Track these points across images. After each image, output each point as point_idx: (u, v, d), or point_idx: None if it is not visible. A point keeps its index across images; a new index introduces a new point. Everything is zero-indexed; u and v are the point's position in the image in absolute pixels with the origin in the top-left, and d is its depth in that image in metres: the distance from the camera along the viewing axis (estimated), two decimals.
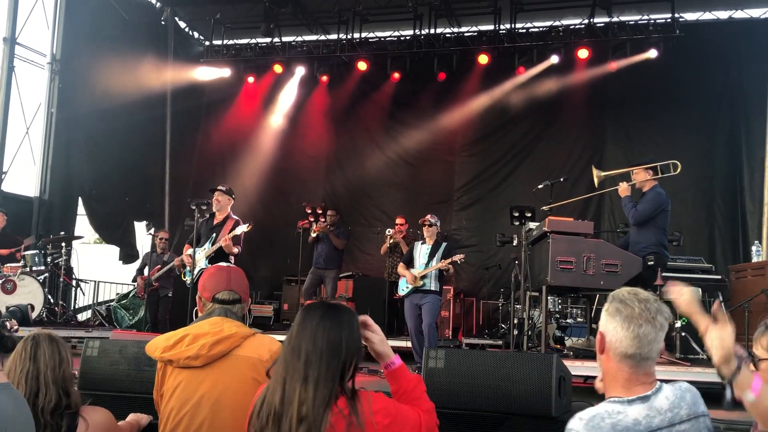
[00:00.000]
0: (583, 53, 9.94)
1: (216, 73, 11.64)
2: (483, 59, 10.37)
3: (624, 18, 10.02)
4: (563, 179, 7.30)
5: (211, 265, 3.66)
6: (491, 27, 10.54)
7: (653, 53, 9.59)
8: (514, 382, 3.29)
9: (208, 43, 12.07)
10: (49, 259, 8.50)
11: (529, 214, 7.14)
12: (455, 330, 9.60)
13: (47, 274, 8.43)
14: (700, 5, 10.52)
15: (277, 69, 11.32)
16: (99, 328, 8.63)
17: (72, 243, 8.91)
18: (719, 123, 10.26)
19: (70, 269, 8.99)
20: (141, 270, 9.06)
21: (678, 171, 6.32)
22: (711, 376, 4.49)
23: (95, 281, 10.45)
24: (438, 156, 11.65)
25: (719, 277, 7.12)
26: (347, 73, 11.47)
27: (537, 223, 6.69)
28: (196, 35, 12.79)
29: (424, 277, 7.00)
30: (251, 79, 11.64)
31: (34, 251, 8.33)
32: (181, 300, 7.48)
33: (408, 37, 10.89)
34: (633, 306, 1.84)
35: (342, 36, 10.93)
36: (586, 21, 10.05)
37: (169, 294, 8.54)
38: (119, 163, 10.66)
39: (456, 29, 11.11)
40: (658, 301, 1.88)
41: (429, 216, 7.29)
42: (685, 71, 10.12)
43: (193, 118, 12.38)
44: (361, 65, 10.96)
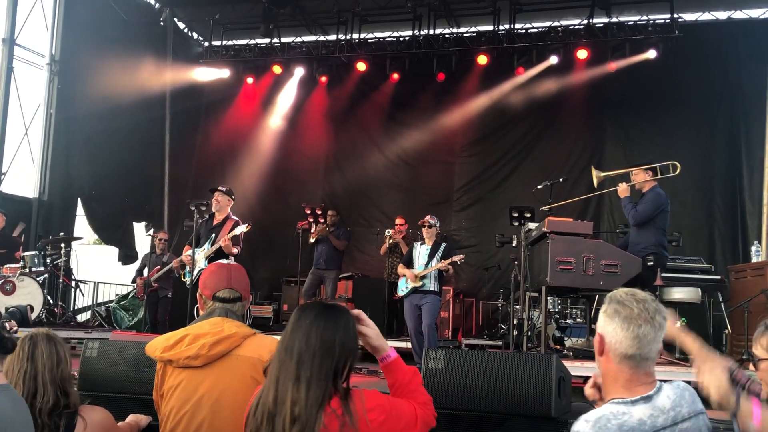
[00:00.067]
0: (583, 54, 9.94)
1: (215, 74, 11.64)
2: (482, 60, 10.38)
3: (623, 18, 10.02)
4: (562, 179, 7.30)
5: (213, 263, 3.64)
6: (490, 27, 10.54)
7: (652, 53, 9.60)
8: (513, 382, 3.28)
9: (207, 44, 12.06)
10: (49, 260, 8.49)
11: (529, 214, 7.15)
12: (455, 330, 9.60)
13: (46, 275, 8.42)
14: (699, 6, 10.54)
15: (277, 70, 11.32)
16: (98, 329, 8.61)
17: (71, 244, 8.90)
18: (718, 123, 10.26)
19: (69, 270, 8.98)
20: (140, 271, 9.06)
21: (677, 172, 6.32)
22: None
23: (94, 282, 10.43)
24: (437, 156, 11.66)
25: (719, 278, 7.13)
26: (346, 74, 11.47)
27: (536, 224, 6.69)
28: (195, 36, 12.79)
29: (423, 278, 7.00)
30: (250, 80, 11.64)
31: (33, 252, 8.33)
32: (181, 301, 7.47)
33: (407, 38, 10.88)
34: (632, 306, 1.84)
35: (341, 37, 10.93)
36: (585, 21, 10.05)
37: (169, 295, 8.54)
38: (118, 164, 10.65)
39: (455, 30, 11.13)
40: (655, 301, 1.89)
41: (428, 217, 7.29)
42: (685, 71, 10.12)
43: (193, 118, 12.38)
44: (361, 66, 10.95)
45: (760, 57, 9.79)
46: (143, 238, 11.69)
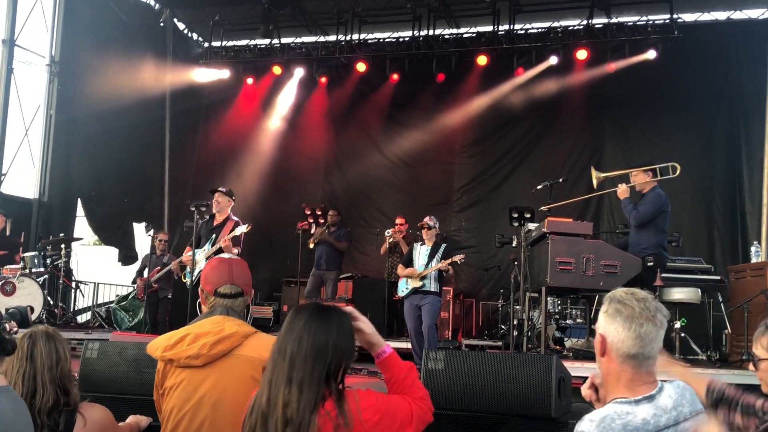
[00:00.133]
0: (582, 54, 9.94)
1: (215, 75, 11.64)
2: (482, 60, 10.38)
3: (622, 19, 10.03)
4: (562, 180, 7.31)
5: (214, 257, 3.63)
6: (490, 28, 10.54)
7: (652, 54, 9.60)
8: (513, 383, 3.28)
9: (207, 45, 12.06)
10: (49, 261, 8.48)
11: (529, 214, 7.15)
12: (455, 331, 9.59)
13: (47, 275, 8.41)
14: (698, 6, 10.54)
15: (276, 70, 11.32)
16: (98, 329, 8.62)
17: (71, 244, 8.91)
18: (718, 124, 10.26)
19: (69, 271, 8.98)
20: (140, 271, 9.07)
21: (677, 173, 6.33)
22: (710, 376, 4.47)
23: (95, 283, 10.42)
24: (437, 157, 11.66)
25: (718, 278, 7.11)
26: (346, 75, 11.46)
27: (536, 224, 6.69)
28: (195, 37, 12.78)
29: (423, 278, 7.00)
30: (250, 81, 11.63)
31: (33, 253, 8.32)
32: (181, 301, 7.45)
33: (407, 39, 10.87)
34: (632, 306, 1.84)
35: (341, 37, 10.93)
36: (584, 22, 10.06)
37: (169, 295, 8.53)
38: (118, 165, 10.65)
39: (455, 30, 11.13)
40: (656, 300, 1.89)
41: (427, 219, 7.29)
42: (684, 72, 10.12)
43: (193, 119, 12.37)
44: (360, 66, 10.95)
45: (759, 57, 9.78)
46: (143, 238, 11.68)
